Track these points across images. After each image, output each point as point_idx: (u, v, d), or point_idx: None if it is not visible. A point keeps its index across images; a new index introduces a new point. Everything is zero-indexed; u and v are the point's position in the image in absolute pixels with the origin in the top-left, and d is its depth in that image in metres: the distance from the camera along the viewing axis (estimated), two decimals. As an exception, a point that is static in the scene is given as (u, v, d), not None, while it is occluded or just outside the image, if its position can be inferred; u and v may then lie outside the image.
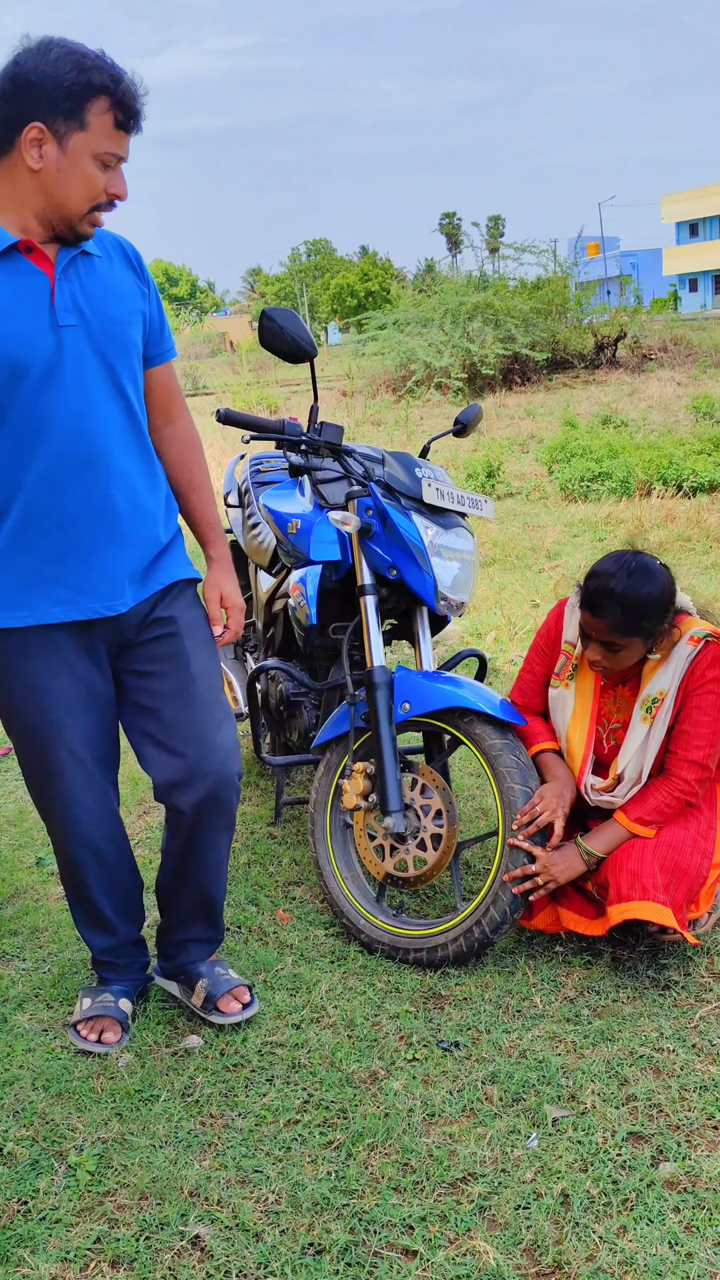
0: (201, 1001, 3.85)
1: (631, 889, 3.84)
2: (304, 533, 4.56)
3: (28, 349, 3.13)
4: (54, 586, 3.36)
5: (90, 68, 3.01)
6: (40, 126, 3.02)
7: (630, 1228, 2.88)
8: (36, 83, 2.98)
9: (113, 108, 3.07)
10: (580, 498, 13.55)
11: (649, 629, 3.93)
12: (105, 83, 3.03)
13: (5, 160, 3.09)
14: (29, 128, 3.02)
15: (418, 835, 4.15)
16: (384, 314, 32.52)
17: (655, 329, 32.77)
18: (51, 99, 3.00)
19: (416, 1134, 3.26)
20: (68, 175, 3.08)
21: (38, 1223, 3.02)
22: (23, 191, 3.10)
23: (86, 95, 3.02)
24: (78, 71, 3.00)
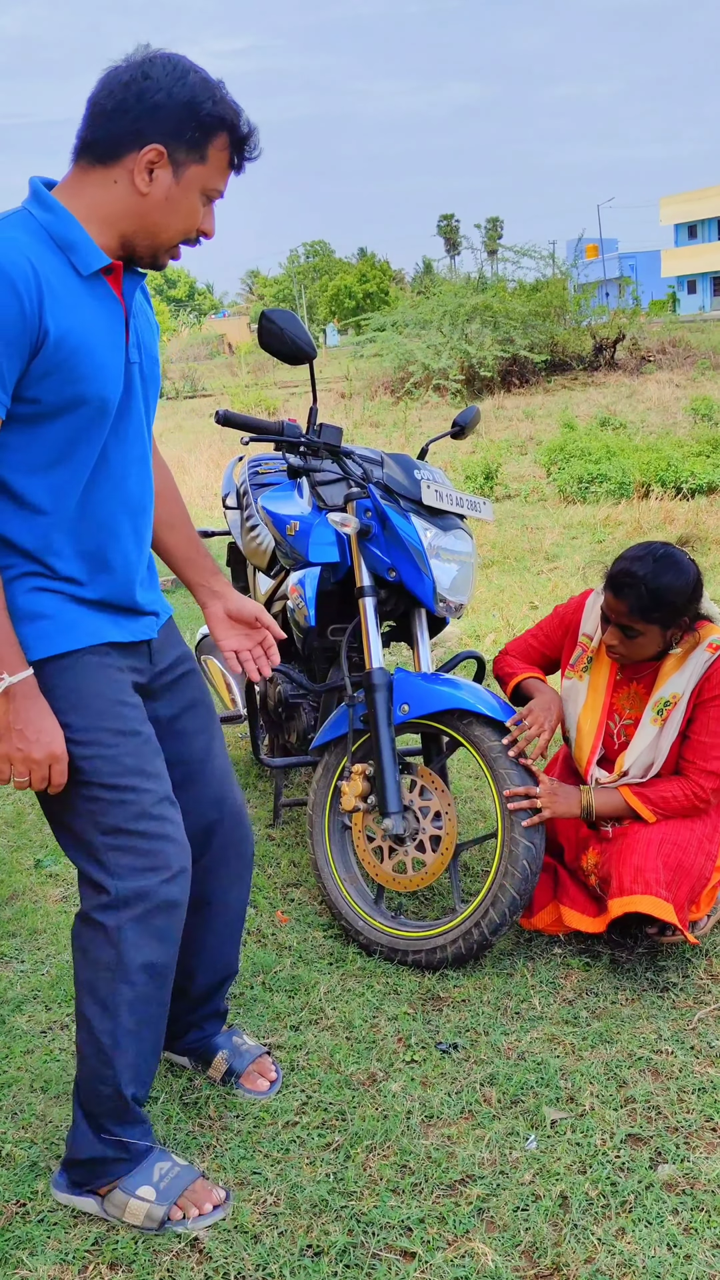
0: (221, 1075, 3.58)
1: (634, 882, 3.85)
2: (303, 534, 4.56)
3: (113, 386, 2.87)
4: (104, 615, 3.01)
5: (220, 100, 2.84)
6: (161, 150, 2.79)
7: (629, 1229, 2.88)
8: (167, 105, 2.78)
9: (231, 146, 2.90)
10: (579, 500, 13.56)
11: (668, 619, 3.96)
12: (232, 119, 2.87)
13: (103, 170, 2.82)
14: (149, 149, 2.78)
15: (416, 837, 4.15)
16: (383, 316, 32.54)
17: (654, 331, 32.83)
18: (180, 125, 2.80)
19: (415, 1136, 3.26)
20: (175, 206, 2.86)
21: (36, 1224, 3.02)
22: (116, 208, 2.83)
23: (215, 129, 2.84)
24: (212, 103, 2.82)
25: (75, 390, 2.75)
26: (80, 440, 2.83)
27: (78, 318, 2.74)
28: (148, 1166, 3.04)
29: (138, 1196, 2.99)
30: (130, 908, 2.91)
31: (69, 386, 2.74)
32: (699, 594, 4.04)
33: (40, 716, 2.80)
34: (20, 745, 2.78)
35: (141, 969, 2.94)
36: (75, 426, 2.81)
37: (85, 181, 2.83)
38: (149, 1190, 2.99)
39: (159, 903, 2.93)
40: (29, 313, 2.63)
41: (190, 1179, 3.04)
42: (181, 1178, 3.04)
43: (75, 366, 2.73)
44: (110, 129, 2.78)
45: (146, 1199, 2.98)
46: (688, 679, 4.02)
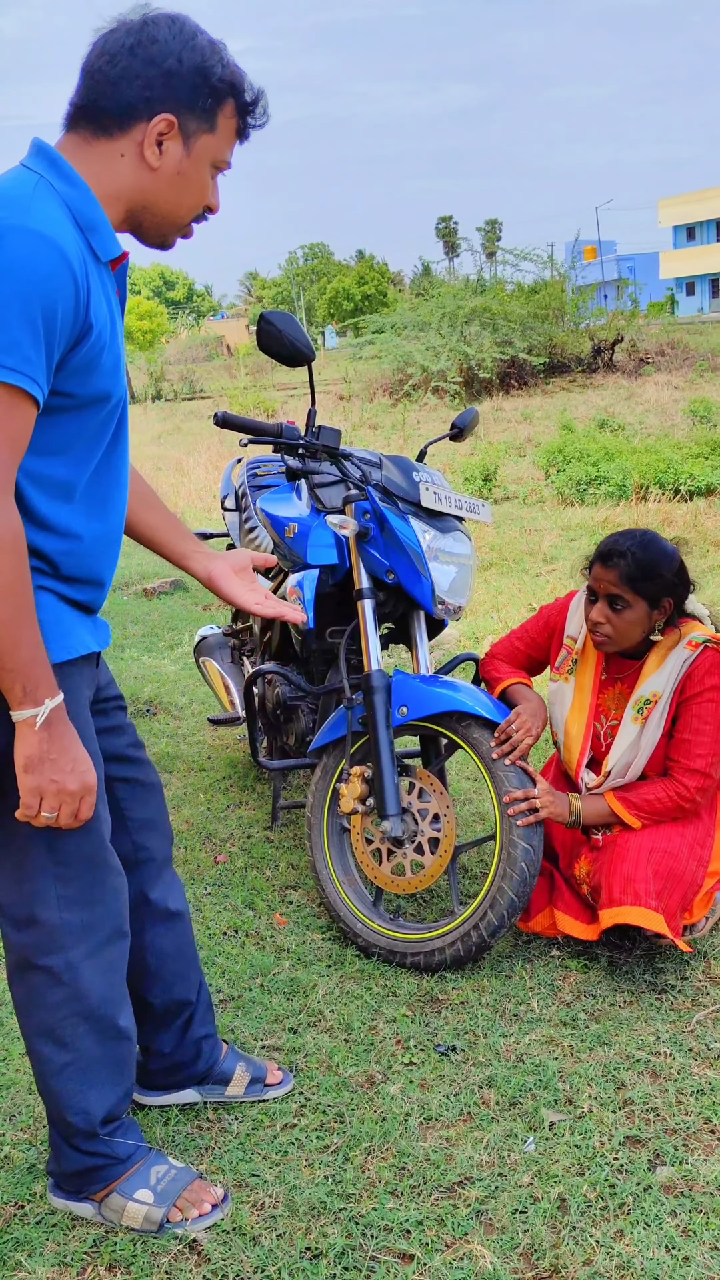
0: (246, 1086, 3.48)
1: (624, 893, 3.85)
2: (301, 536, 4.56)
3: (122, 382, 2.70)
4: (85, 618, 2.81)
5: (228, 64, 2.65)
6: (172, 120, 2.58)
7: (627, 1231, 2.88)
8: (180, 71, 2.57)
9: (239, 113, 2.71)
10: (577, 501, 13.57)
11: (655, 592, 4.00)
12: (241, 84, 2.68)
13: (107, 142, 2.60)
14: (159, 119, 2.58)
15: (415, 839, 4.15)
16: (381, 318, 32.56)
17: (652, 333, 32.85)
18: (193, 92, 2.59)
19: (413, 1138, 3.26)
20: (186, 180, 2.67)
21: (35, 1226, 3.02)
22: (123, 183, 2.62)
23: (225, 96, 2.65)
24: (222, 67, 2.62)
25: (101, 386, 2.60)
26: (92, 437, 2.67)
27: (103, 310, 2.56)
28: (145, 1169, 3.02)
29: (136, 1199, 2.97)
30: (81, 942, 2.83)
31: (99, 382, 2.58)
32: (684, 579, 4.08)
33: (74, 744, 2.61)
34: (55, 777, 2.57)
35: (100, 1001, 2.89)
36: (90, 423, 2.64)
37: (88, 154, 2.60)
38: (147, 1193, 2.98)
39: (109, 932, 2.89)
40: (81, 303, 2.45)
41: (188, 1180, 3.03)
42: (179, 1179, 3.02)
43: (108, 360, 2.59)
44: (116, 97, 2.56)
45: (145, 1201, 2.97)
46: (667, 676, 4.03)
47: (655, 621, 4.05)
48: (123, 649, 8.93)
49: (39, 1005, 2.86)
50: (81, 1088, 2.91)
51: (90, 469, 2.69)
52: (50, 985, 2.84)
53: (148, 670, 8.29)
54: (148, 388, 41.30)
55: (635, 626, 4.03)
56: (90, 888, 2.82)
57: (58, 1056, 2.89)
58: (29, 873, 2.77)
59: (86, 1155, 2.97)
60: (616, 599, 4.00)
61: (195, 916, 4.60)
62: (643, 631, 4.05)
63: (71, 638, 2.72)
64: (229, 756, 6.44)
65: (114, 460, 2.78)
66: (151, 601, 10.56)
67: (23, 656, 2.48)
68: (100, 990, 2.88)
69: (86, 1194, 3.02)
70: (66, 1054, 2.88)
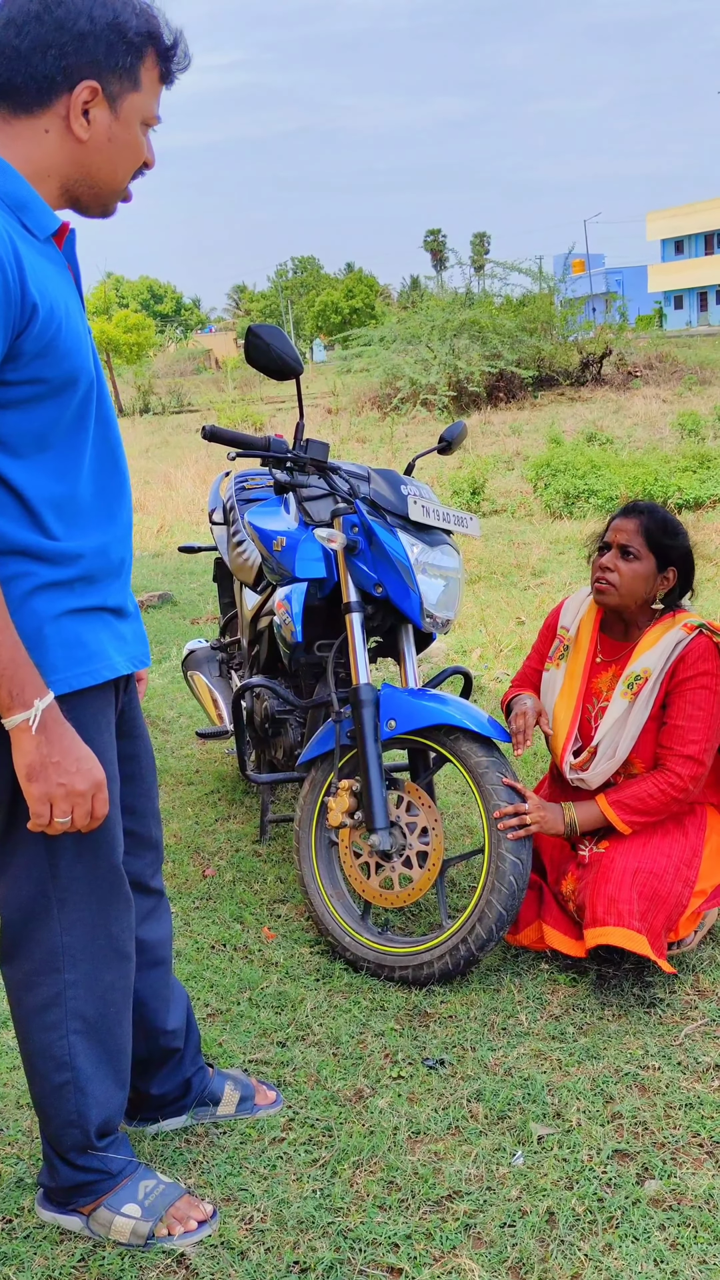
0: (236, 1105, 3.46)
1: (607, 914, 3.86)
2: (289, 550, 4.56)
3: (86, 360, 2.55)
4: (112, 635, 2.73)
5: (142, 12, 2.48)
6: (94, 86, 2.45)
7: (616, 1245, 2.88)
8: (94, 31, 2.42)
9: (160, 61, 2.56)
10: (565, 515, 13.59)
11: (666, 553, 4.11)
12: (158, 30, 2.51)
13: (28, 119, 2.47)
14: (81, 87, 2.44)
15: (403, 853, 4.15)
16: (370, 331, 32.61)
17: (640, 346, 32.95)
18: (111, 52, 2.44)
19: (402, 1152, 3.26)
20: (119, 145, 2.54)
21: (23, 1240, 3.01)
22: (52, 159, 2.50)
23: (144, 47, 2.50)
24: (136, 17, 2.46)
25: (69, 366, 2.47)
26: (73, 422, 2.55)
27: (51, 287, 2.43)
28: (133, 1184, 3.00)
29: (123, 1214, 2.96)
30: (80, 964, 2.81)
31: (64, 362, 2.45)
32: (690, 559, 4.19)
33: (74, 743, 2.52)
34: (61, 780, 2.49)
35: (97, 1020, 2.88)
36: (67, 407, 2.52)
37: (9, 134, 2.47)
38: (134, 1207, 2.96)
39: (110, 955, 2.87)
40: (12, 285, 2.31)
41: (176, 1195, 3.01)
42: (167, 1194, 3.01)
43: (65, 340, 2.44)
44: (29, 72, 2.42)
45: (132, 1216, 2.95)
46: (659, 655, 4.06)
47: (657, 589, 4.09)
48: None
49: (36, 1024, 2.85)
50: (78, 1104, 2.89)
51: (83, 462, 2.60)
52: (48, 1006, 2.82)
53: (136, 683, 8.25)
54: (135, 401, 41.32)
55: (640, 581, 4.09)
56: (92, 911, 2.79)
57: (55, 1075, 2.87)
58: (31, 894, 2.74)
59: (79, 1170, 2.96)
60: (628, 549, 4.09)
61: (184, 930, 4.59)
62: (645, 591, 4.10)
63: (96, 660, 2.65)
64: (217, 770, 6.43)
65: (105, 449, 2.68)
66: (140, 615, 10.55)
67: (1, 658, 2.41)
68: (97, 1011, 2.86)
69: (75, 1207, 3.01)
70: (64, 1073, 2.87)
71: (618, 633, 4.26)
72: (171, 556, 13.53)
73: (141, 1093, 3.35)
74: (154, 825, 3.16)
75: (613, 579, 4.10)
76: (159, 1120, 3.42)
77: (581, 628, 4.32)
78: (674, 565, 4.11)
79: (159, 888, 3.23)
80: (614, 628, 4.27)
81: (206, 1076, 3.47)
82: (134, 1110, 3.41)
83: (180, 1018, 3.33)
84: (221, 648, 6.16)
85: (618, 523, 4.15)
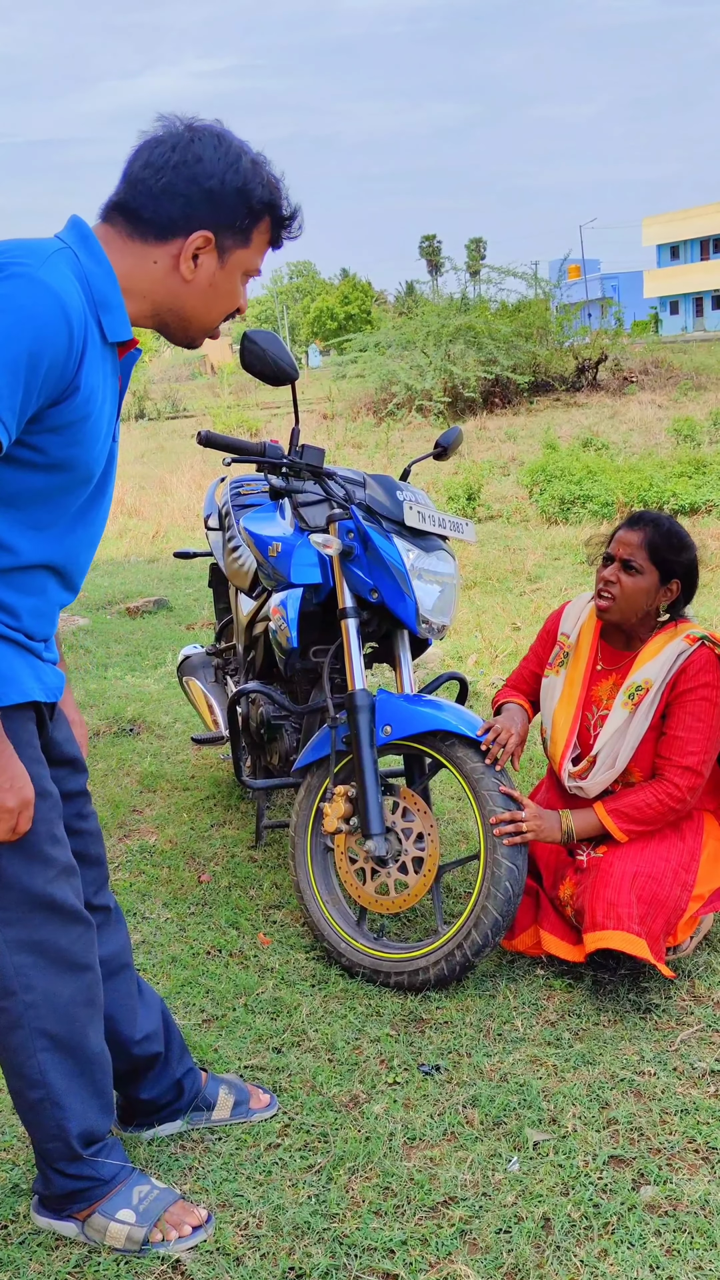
0: (231, 1110, 3.48)
1: (606, 918, 3.85)
2: (285, 555, 4.56)
3: (99, 461, 2.71)
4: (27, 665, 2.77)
5: (268, 183, 2.70)
6: (210, 236, 2.66)
7: (611, 1251, 2.88)
8: (219, 192, 2.63)
9: (273, 227, 2.77)
10: (561, 520, 13.60)
11: (669, 567, 4.09)
12: (279, 202, 2.74)
13: (142, 245, 2.66)
14: (197, 235, 2.65)
15: (399, 858, 4.15)
16: (366, 336, 32.62)
17: (636, 352, 32.97)
18: (233, 213, 2.66)
19: (397, 1158, 3.26)
20: (217, 291, 2.75)
21: (18, 1246, 3.01)
22: (154, 286, 2.69)
23: (262, 214, 2.72)
24: (262, 188, 2.68)
25: (72, 454, 2.58)
26: (52, 501, 2.65)
27: (97, 382, 2.58)
28: (127, 1189, 3.01)
29: (118, 1220, 2.96)
30: (35, 984, 2.82)
31: (71, 448, 2.57)
32: (695, 570, 4.17)
33: (9, 759, 2.59)
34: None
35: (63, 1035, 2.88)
36: (53, 486, 2.62)
37: (121, 249, 2.66)
38: (129, 1213, 2.97)
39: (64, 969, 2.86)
40: (73, 357, 2.46)
41: (170, 1201, 3.02)
42: (161, 1199, 3.01)
43: (83, 434, 2.58)
44: (157, 210, 2.62)
45: (127, 1221, 2.96)
46: (661, 666, 4.06)
47: (660, 601, 4.09)
48: (106, 668, 8.92)
49: (4, 1046, 2.87)
50: (56, 1119, 2.90)
51: (48, 533, 2.68)
52: (12, 1028, 2.84)
53: (131, 689, 8.28)
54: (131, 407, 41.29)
55: (642, 595, 4.08)
56: (36, 930, 2.80)
57: (29, 1092, 2.89)
58: None
59: (70, 1178, 2.96)
60: (631, 563, 4.08)
61: (179, 936, 4.59)
62: (646, 604, 4.10)
63: (8, 684, 2.68)
64: (213, 776, 6.43)
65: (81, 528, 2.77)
66: (135, 620, 10.55)
67: None
68: (62, 1026, 2.87)
69: (69, 1213, 3.02)
70: (36, 1090, 2.88)
71: (619, 641, 4.25)
72: (167, 562, 13.53)
73: (132, 1099, 3.36)
74: (90, 843, 3.16)
75: (614, 592, 4.10)
76: (154, 1126, 3.42)
77: (582, 635, 4.32)
78: (678, 578, 4.11)
79: (105, 903, 3.23)
80: (615, 636, 4.26)
81: (199, 1079, 3.47)
82: (128, 1116, 3.41)
83: (153, 1021, 3.32)
84: (217, 653, 6.16)
85: (622, 534, 4.14)
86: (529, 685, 4.51)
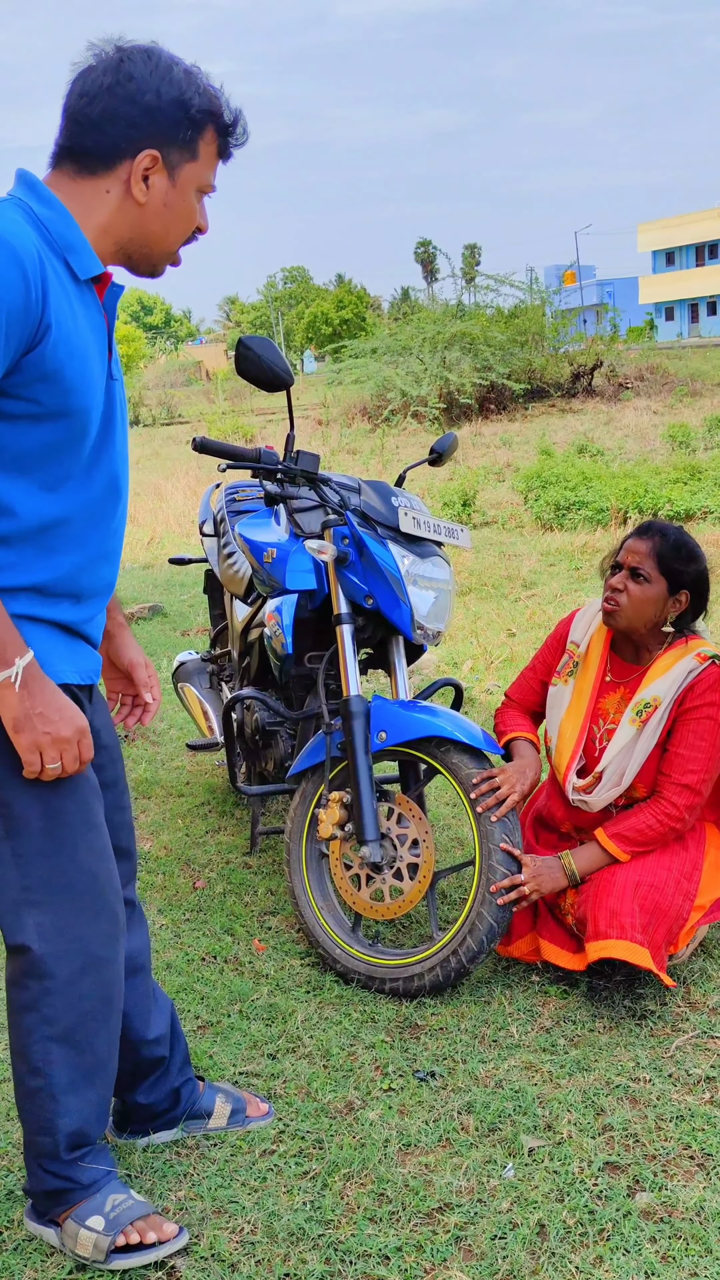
0: (228, 1118, 3.45)
1: (609, 927, 3.85)
2: (280, 561, 4.56)
3: (95, 402, 2.69)
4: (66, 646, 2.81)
5: (204, 91, 2.68)
6: (156, 155, 2.64)
7: (607, 1258, 2.87)
8: (159, 105, 2.62)
9: (219, 135, 2.75)
10: (556, 527, 13.61)
11: (678, 578, 4.07)
12: (219, 109, 2.72)
13: (92, 180, 2.65)
14: (143, 155, 2.63)
15: (394, 864, 4.15)
16: (361, 342, 32.63)
17: (631, 358, 32.98)
18: (174, 125, 2.64)
19: (392, 1164, 3.26)
20: (174, 211, 2.73)
21: (13, 1253, 3.00)
22: (112, 218, 2.68)
23: (204, 123, 2.69)
24: (199, 96, 2.66)
25: (66, 401, 2.58)
26: (59, 453, 2.64)
27: (74, 323, 2.57)
28: (102, 1197, 2.98)
29: (87, 1226, 2.93)
30: (57, 971, 2.83)
31: (63, 396, 2.57)
32: (705, 582, 4.15)
33: (55, 694, 2.65)
34: (46, 729, 2.63)
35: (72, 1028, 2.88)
36: (57, 437, 2.62)
37: (73, 190, 2.65)
38: (98, 1220, 2.94)
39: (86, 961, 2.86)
40: (33, 299, 2.45)
41: (142, 1213, 2.97)
42: (133, 1210, 2.97)
43: (72, 376, 2.57)
44: (99, 138, 2.62)
45: (95, 1229, 2.92)
46: (671, 683, 4.04)
47: (668, 612, 4.08)
48: (101, 674, 8.88)
49: (15, 1027, 2.88)
50: (50, 1112, 2.90)
51: (63, 490, 2.69)
52: (24, 1010, 2.85)
53: (127, 695, 8.24)
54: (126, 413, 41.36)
55: (649, 605, 4.07)
56: (65, 916, 2.81)
57: (29, 1080, 2.89)
58: (7, 904, 2.80)
59: (52, 1176, 2.96)
60: (638, 572, 4.05)
61: (174, 942, 4.59)
62: (654, 614, 4.08)
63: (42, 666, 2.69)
64: (207, 782, 6.43)
65: (94, 483, 2.76)
66: (130, 626, 10.54)
67: None
68: (73, 1019, 2.87)
69: (51, 1216, 3.00)
70: (37, 1079, 2.88)
71: (628, 654, 4.24)
72: (162, 568, 13.52)
73: (129, 1103, 3.35)
74: (124, 836, 3.19)
75: (621, 600, 4.08)
76: (149, 1133, 3.41)
77: (592, 645, 4.30)
78: (686, 589, 4.09)
79: (133, 898, 3.26)
80: (625, 648, 4.24)
81: (196, 1089, 3.46)
82: (124, 1122, 3.41)
83: (163, 1025, 3.32)
84: (212, 659, 6.16)
85: (631, 543, 4.12)
86: (535, 697, 4.47)
